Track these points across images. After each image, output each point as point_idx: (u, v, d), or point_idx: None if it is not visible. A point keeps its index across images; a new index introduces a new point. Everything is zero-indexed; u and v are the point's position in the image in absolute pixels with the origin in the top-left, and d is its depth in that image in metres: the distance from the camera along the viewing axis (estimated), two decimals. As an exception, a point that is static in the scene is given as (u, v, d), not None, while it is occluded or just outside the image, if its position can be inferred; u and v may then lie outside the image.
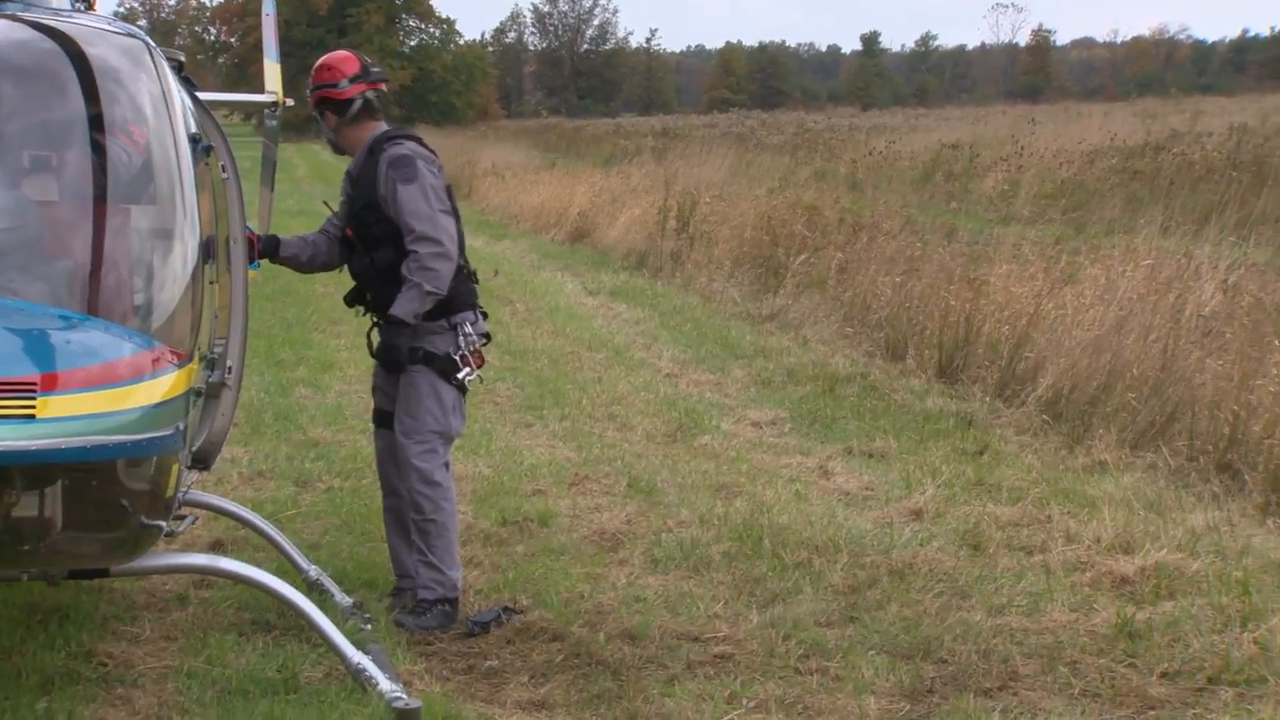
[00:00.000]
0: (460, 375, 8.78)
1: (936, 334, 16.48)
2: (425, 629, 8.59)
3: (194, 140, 7.66)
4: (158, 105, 7.38)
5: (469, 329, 8.84)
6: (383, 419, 9.09)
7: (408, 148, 8.79)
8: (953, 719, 7.38)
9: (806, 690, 7.75)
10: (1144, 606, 8.84)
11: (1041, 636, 8.47)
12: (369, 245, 8.81)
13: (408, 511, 8.89)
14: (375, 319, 9.01)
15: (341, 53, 9.21)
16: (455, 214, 8.85)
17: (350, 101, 8.95)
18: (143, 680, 7.68)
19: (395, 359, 8.80)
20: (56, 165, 7.41)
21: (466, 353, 8.80)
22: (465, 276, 8.91)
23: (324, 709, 7.21)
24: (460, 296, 8.82)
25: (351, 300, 9.15)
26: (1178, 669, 7.94)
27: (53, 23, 7.62)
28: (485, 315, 9.03)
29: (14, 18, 7.57)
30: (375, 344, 9.08)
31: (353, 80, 8.95)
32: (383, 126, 9.00)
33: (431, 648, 8.38)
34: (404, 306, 8.58)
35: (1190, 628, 8.41)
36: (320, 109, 9.01)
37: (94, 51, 7.43)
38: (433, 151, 8.96)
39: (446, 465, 8.87)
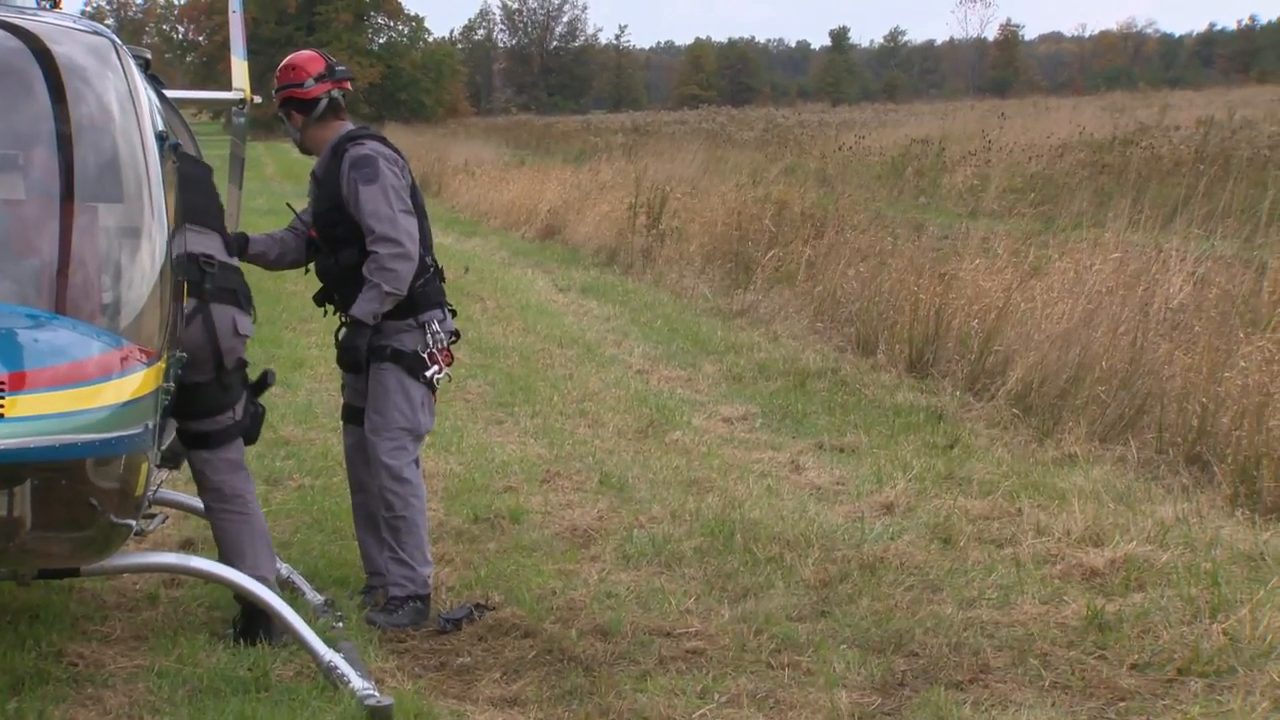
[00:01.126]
0: (429, 373, 8.78)
1: (907, 328, 16.51)
2: (397, 626, 8.58)
3: (161, 138, 7.64)
4: (124, 103, 7.35)
5: (436, 326, 8.83)
6: (352, 415, 9.08)
7: (369, 147, 8.77)
8: (924, 712, 7.39)
9: (778, 684, 7.77)
10: (1114, 598, 8.86)
11: (1012, 629, 8.49)
12: (334, 246, 8.81)
13: (378, 509, 8.88)
14: (343, 318, 9.00)
15: (306, 52, 9.17)
16: (421, 212, 8.84)
17: (315, 101, 8.93)
18: (113, 680, 7.65)
19: (354, 359, 8.79)
20: (23, 164, 7.38)
21: (435, 350, 8.80)
22: (433, 274, 8.90)
23: (296, 707, 7.21)
24: (427, 295, 8.81)
25: (320, 299, 9.16)
26: (1148, 660, 7.96)
27: (18, 21, 7.57)
28: (453, 313, 9.03)
29: (-22, 16, 7.54)
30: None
31: (318, 79, 8.93)
32: (348, 126, 8.98)
33: (403, 645, 8.37)
34: (363, 307, 8.60)
35: (1160, 619, 8.43)
36: (285, 109, 8.99)
37: (60, 50, 7.40)
38: (397, 151, 8.93)
39: (416, 462, 8.87)
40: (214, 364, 8.15)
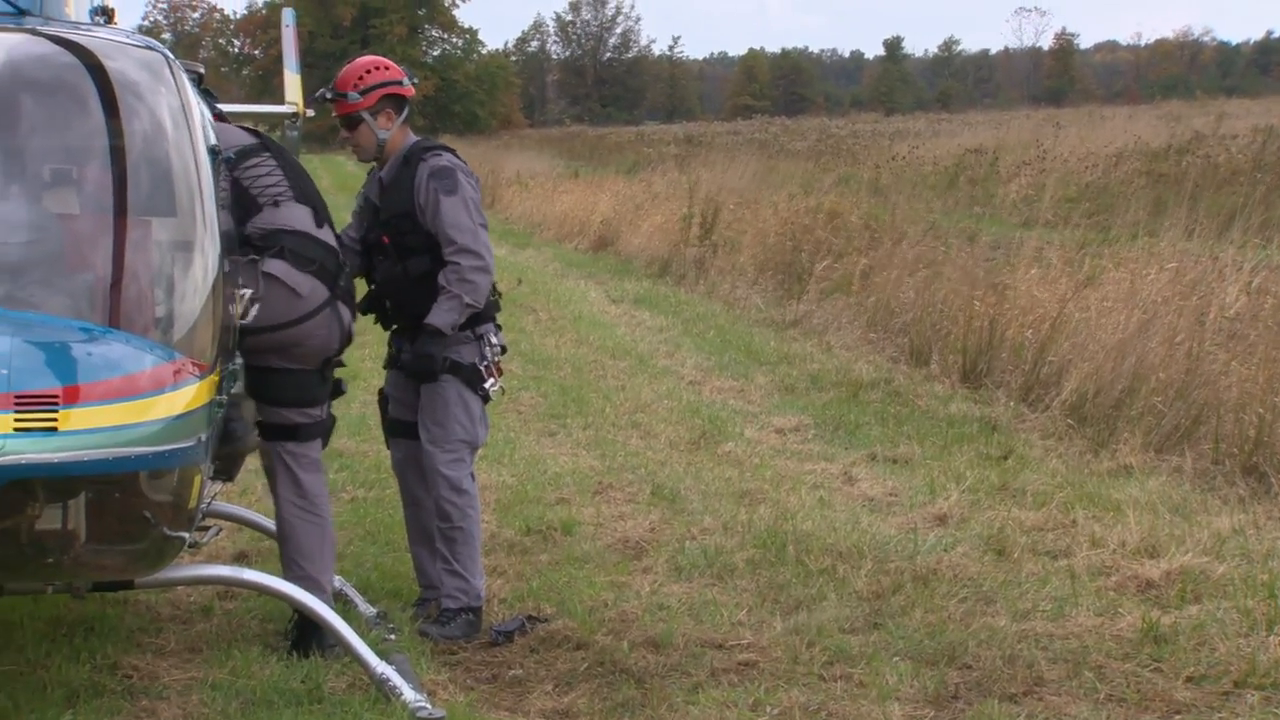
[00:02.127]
0: (486, 385, 8.80)
1: (960, 339, 16.45)
2: (449, 638, 8.59)
3: (213, 152, 7.68)
4: (176, 117, 7.40)
5: (493, 339, 8.87)
6: (401, 429, 9.07)
7: (447, 159, 8.81)
8: (978, 725, 7.36)
9: (831, 697, 7.74)
10: (1169, 610, 8.81)
11: (1066, 641, 8.44)
12: (403, 253, 8.79)
13: (432, 520, 8.90)
14: (393, 327, 9.02)
15: (377, 57, 9.17)
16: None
17: (409, 101, 8.96)
18: (167, 692, 7.69)
19: (429, 368, 8.75)
20: (77, 178, 7.44)
21: (491, 363, 8.83)
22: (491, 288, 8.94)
23: (348, 719, 7.22)
24: (485, 308, 8.84)
25: (368, 307, 9.12)
26: (1203, 673, 7.91)
27: (72, 36, 7.65)
28: (499, 327, 9.04)
29: (34, 31, 7.61)
30: (394, 352, 9.06)
31: (410, 81, 8.98)
32: (412, 136, 9.01)
33: (455, 657, 8.38)
34: (442, 317, 8.60)
35: (1216, 631, 8.38)
36: (379, 108, 8.87)
37: (113, 65, 7.45)
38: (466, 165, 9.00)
39: (472, 475, 8.89)
40: (324, 356, 8.25)
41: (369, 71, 8.87)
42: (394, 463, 9.27)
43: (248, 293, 7.79)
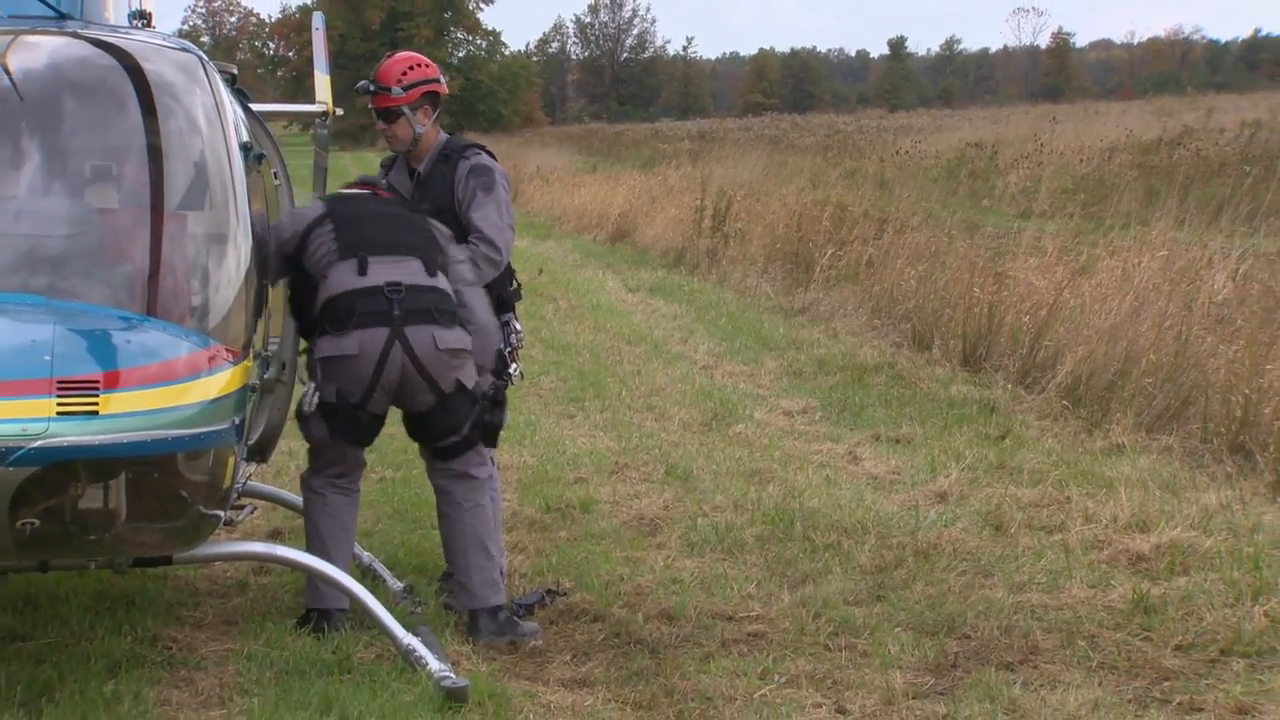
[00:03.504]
0: (510, 369, 8.81)
1: (960, 324, 16.44)
2: None
3: (245, 149, 7.68)
4: (211, 116, 7.42)
5: (517, 325, 8.88)
6: None
7: (486, 159, 8.81)
8: (975, 692, 7.35)
9: (836, 666, 7.74)
10: (1159, 582, 8.80)
11: (1060, 612, 8.44)
12: None
13: None
14: None
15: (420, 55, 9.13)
16: None
17: (441, 98, 8.96)
18: (205, 663, 7.71)
19: None
20: (116, 174, 7.45)
21: (513, 349, 8.84)
22: (511, 277, 8.93)
23: (376, 688, 7.23)
24: (507, 297, 8.84)
25: None
26: (1191, 641, 7.90)
27: (112, 39, 7.68)
28: (517, 316, 9.04)
29: (75, 34, 7.63)
30: None
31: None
32: (442, 133, 8.99)
33: (478, 629, 8.39)
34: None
35: (1203, 602, 8.37)
36: (419, 105, 8.83)
37: (150, 66, 7.48)
38: None
39: (493, 456, 8.89)
40: (430, 387, 8.07)
41: (411, 68, 8.84)
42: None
43: (311, 386, 7.92)
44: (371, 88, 8.77)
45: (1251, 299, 13.80)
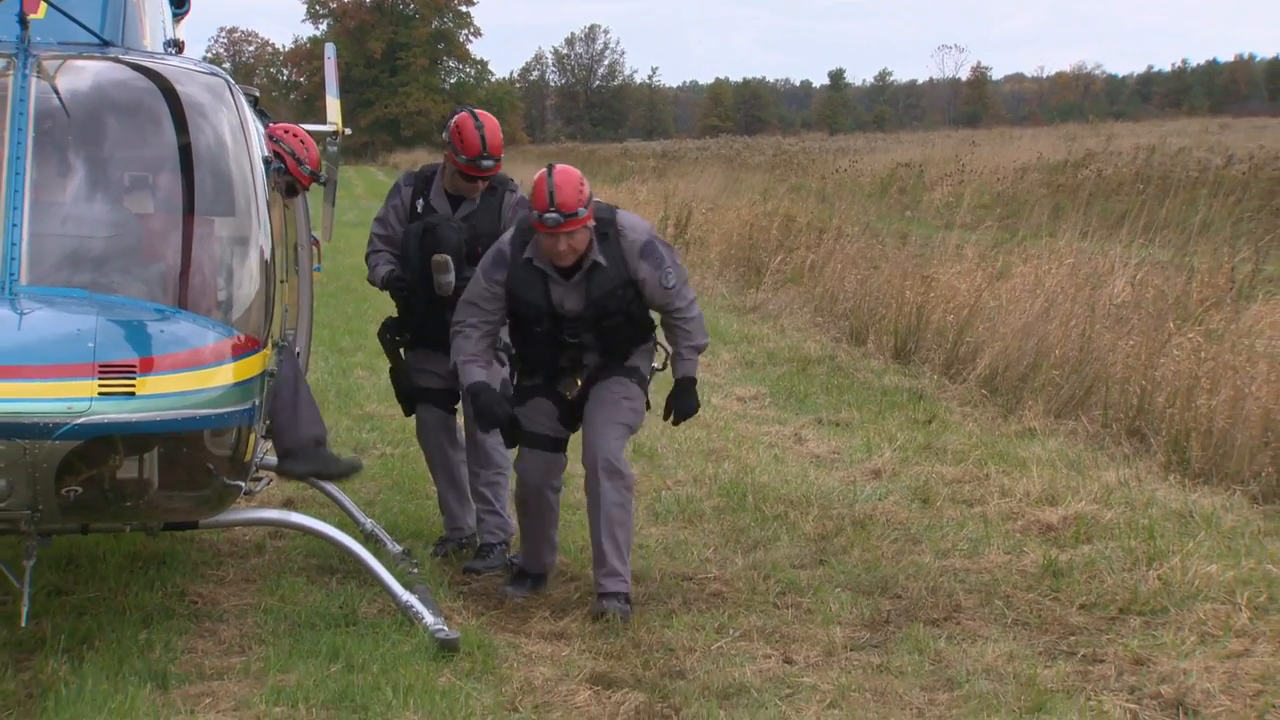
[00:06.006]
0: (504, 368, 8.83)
1: (893, 322, 16.46)
2: (491, 569, 8.65)
3: (266, 162, 7.65)
4: (236, 132, 7.39)
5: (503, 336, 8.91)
6: (431, 396, 9.00)
7: (522, 193, 8.76)
8: (906, 644, 7.37)
9: (783, 621, 7.75)
10: (1066, 549, 8.83)
11: (980, 575, 8.47)
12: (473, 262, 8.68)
13: (460, 472, 8.97)
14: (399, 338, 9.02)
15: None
16: None
17: None
18: (227, 615, 7.69)
19: None
20: (152, 183, 7.44)
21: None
22: None
23: (378, 639, 7.22)
24: None
25: (400, 327, 9.05)
26: (1094, 601, 7.94)
27: (149, 63, 7.65)
28: None
29: (116, 59, 7.60)
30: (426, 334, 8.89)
31: None
32: None
33: (468, 588, 8.38)
34: None
35: (1104, 567, 8.41)
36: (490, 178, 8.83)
37: (183, 88, 7.46)
38: None
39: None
40: None
41: (496, 145, 8.71)
42: (424, 425, 9.08)
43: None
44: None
45: (1146, 301, 13.84)
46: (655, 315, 8.25)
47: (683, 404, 8.28)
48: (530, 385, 8.21)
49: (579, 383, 8.17)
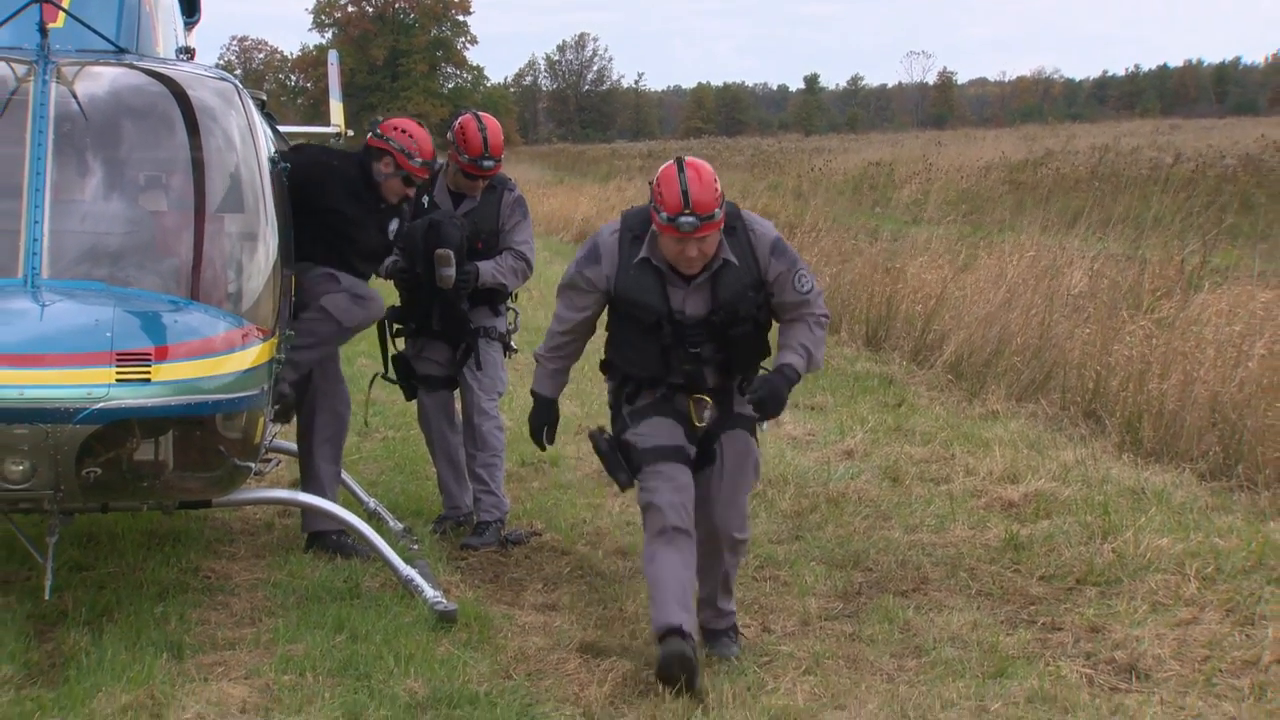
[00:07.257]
0: (510, 346, 9.01)
1: (864, 311, 16.47)
2: (488, 545, 8.61)
3: (273, 162, 7.64)
4: (245, 134, 7.39)
5: (514, 309, 9.06)
6: (431, 382, 8.99)
7: (519, 193, 8.91)
8: (876, 614, 7.37)
9: (761, 593, 7.76)
10: (1026, 524, 8.84)
11: (946, 549, 8.47)
12: (486, 256, 8.77)
13: (459, 453, 8.96)
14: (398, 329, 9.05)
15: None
16: None
17: None
18: (238, 589, 7.68)
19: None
20: (165, 182, 7.42)
21: (514, 329, 8.93)
22: None
23: (380, 611, 7.21)
24: (506, 291, 8.93)
25: (406, 315, 9.04)
26: (1053, 573, 7.94)
27: (161, 69, 7.64)
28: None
29: (131, 65, 7.59)
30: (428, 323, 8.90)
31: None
32: None
33: (465, 562, 8.37)
34: (490, 270, 8.67)
35: (1062, 541, 8.42)
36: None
37: (194, 93, 7.45)
38: None
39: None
40: None
41: (499, 146, 8.74)
42: (427, 409, 9.06)
43: None
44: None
45: (1102, 291, 13.85)
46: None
47: (774, 385, 6.63)
48: (641, 407, 7.10)
49: (708, 408, 6.78)
